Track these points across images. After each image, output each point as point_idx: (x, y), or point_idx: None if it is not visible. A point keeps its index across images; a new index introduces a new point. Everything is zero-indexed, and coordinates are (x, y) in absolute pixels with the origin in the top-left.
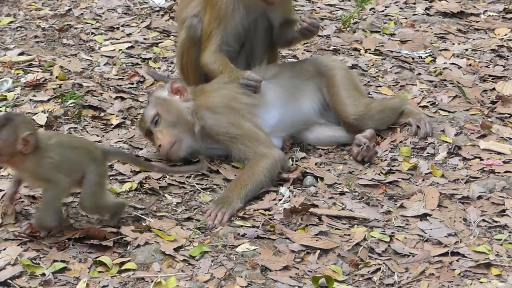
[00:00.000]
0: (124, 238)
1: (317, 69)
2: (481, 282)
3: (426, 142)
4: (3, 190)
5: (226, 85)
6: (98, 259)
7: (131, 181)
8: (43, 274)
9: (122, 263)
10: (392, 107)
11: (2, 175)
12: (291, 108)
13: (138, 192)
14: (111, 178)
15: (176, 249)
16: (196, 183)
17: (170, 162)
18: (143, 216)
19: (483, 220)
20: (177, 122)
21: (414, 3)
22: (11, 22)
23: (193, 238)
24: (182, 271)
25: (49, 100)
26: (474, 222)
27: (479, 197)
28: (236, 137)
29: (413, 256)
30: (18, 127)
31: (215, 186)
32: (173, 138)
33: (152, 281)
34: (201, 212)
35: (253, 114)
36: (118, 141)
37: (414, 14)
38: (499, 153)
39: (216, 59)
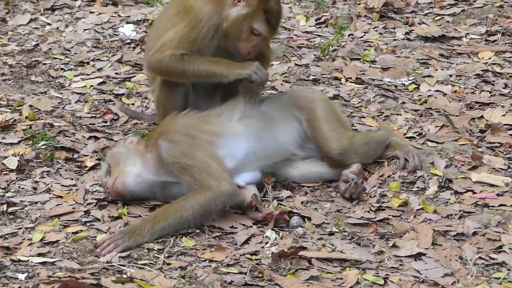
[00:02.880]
0: None
1: (295, 101)
2: None
3: (416, 176)
4: None
5: (190, 115)
6: None
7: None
8: None
9: None
10: (377, 139)
11: None
12: (265, 139)
13: None
14: (88, 224)
15: None
16: None
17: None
18: (123, 266)
19: (480, 258)
20: (121, 159)
21: (394, 28)
22: None
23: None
24: None
25: (19, 142)
26: (470, 260)
27: (474, 233)
28: (185, 167)
29: None
30: None
31: (198, 230)
32: (116, 174)
33: None
34: None
35: (213, 144)
36: (94, 184)
37: (394, 40)
38: (492, 185)
39: (197, 59)
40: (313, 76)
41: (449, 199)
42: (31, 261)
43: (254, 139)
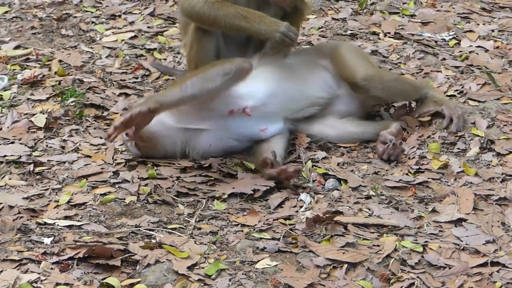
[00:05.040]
0: (133, 256)
1: (320, 52)
2: None
3: (456, 137)
4: (1, 204)
5: None
6: (104, 280)
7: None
8: None
9: (132, 285)
10: (410, 82)
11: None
12: (287, 86)
13: (146, 202)
14: (116, 185)
15: (190, 268)
16: (207, 190)
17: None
18: (152, 231)
19: None
20: None
21: None
22: (6, 12)
23: (208, 254)
24: None
25: (48, 98)
26: None
27: None
28: None
29: (449, 268)
30: None
31: (229, 193)
32: None
33: None
34: None
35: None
36: (123, 143)
37: None
38: None
39: (228, 6)
40: (351, 30)
41: (491, 161)
42: (57, 224)
43: (274, 84)
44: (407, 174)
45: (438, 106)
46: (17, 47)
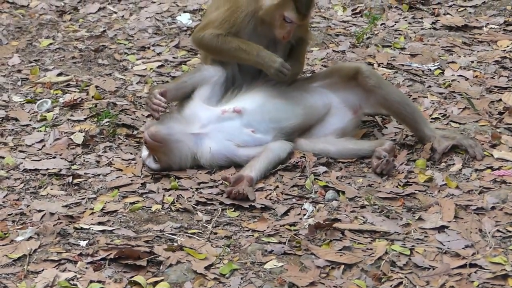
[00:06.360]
0: (157, 258)
1: (313, 79)
2: None
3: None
4: (43, 211)
5: None
6: (132, 279)
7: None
8: None
9: (156, 283)
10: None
11: (42, 195)
12: (275, 99)
13: (169, 210)
14: (144, 195)
15: (207, 268)
16: (222, 201)
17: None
18: (174, 235)
19: (498, 231)
20: None
21: (421, 18)
22: (50, 44)
23: (223, 256)
24: None
25: (85, 119)
26: (489, 233)
27: (493, 208)
28: None
29: (433, 269)
30: None
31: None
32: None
33: None
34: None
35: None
36: None
37: (422, 29)
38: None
39: (232, 40)
40: (349, 61)
41: (470, 175)
42: (92, 229)
43: (263, 96)
44: (397, 186)
45: (451, 140)
46: (59, 74)
